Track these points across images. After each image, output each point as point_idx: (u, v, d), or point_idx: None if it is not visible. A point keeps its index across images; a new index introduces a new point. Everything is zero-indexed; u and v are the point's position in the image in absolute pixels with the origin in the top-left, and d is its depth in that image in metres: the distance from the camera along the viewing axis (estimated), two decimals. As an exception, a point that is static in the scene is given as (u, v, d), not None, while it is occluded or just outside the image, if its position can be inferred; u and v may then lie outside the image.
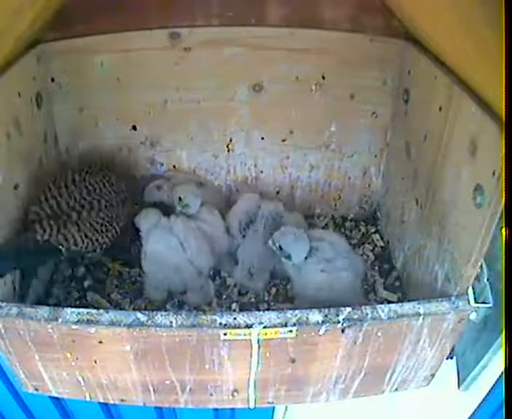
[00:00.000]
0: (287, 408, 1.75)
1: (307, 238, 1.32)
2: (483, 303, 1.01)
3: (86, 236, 1.26)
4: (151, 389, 1.15)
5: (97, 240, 1.29)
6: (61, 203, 1.27)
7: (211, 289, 1.40)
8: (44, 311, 0.98)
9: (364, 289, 1.43)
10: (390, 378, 1.18)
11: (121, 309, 1.34)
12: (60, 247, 1.23)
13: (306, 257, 1.31)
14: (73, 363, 1.08)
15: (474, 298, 1.02)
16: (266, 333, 0.99)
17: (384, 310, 1.01)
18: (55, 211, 1.25)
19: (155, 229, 1.38)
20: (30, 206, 1.25)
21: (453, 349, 1.19)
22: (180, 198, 1.41)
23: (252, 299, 1.40)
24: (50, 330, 1.00)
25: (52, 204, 1.26)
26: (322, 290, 1.27)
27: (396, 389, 1.22)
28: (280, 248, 1.31)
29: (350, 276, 1.31)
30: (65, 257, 1.28)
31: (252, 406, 1.21)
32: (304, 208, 1.68)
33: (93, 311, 0.99)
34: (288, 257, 1.32)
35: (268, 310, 1.36)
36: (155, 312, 0.99)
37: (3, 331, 1.02)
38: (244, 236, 1.45)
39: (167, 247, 1.35)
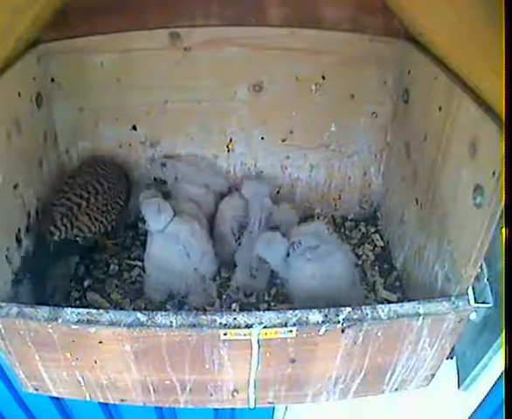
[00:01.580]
0: (287, 408, 1.76)
1: (281, 239, 1.34)
2: (483, 303, 1.01)
3: (96, 219, 1.36)
4: (151, 389, 1.15)
5: (106, 219, 1.38)
6: (70, 197, 1.34)
7: (214, 291, 1.40)
8: (44, 311, 0.98)
9: (364, 289, 1.43)
10: (390, 378, 1.18)
11: (121, 309, 1.34)
12: (77, 239, 1.32)
13: (288, 254, 1.32)
14: (73, 363, 1.08)
15: (474, 298, 1.02)
16: (266, 333, 0.99)
17: (384, 310, 1.01)
18: (66, 205, 1.32)
19: (160, 234, 1.34)
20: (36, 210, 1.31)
21: (453, 349, 1.19)
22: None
23: (254, 300, 1.40)
24: (50, 330, 1.00)
25: (62, 202, 1.33)
26: (314, 278, 1.28)
27: (396, 389, 1.22)
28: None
29: (339, 258, 1.31)
30: (81, 245, 1.35)
31: (252, 406, 1.21)
32: (304, 208, 1.68)
33: (93, 311, 0.99)
34: (265, 261, 1.35)
35: (268, 310, 1.36)
36: (155, 312, 0.99)
37: (3, 331, 1.02)
38: (240, 242, 1.45)
39: (172, 254, 1.34)
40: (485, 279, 1.02)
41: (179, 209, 1.40)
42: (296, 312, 1.00)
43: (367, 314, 1.00)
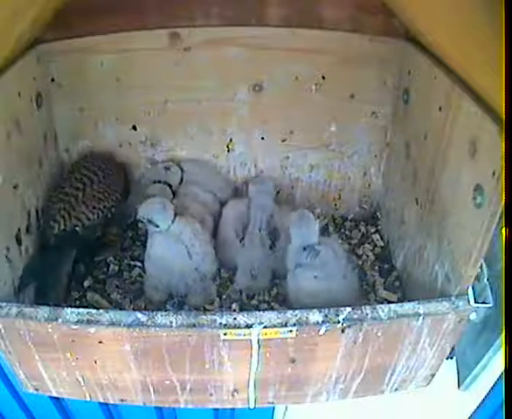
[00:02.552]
0: (287, 408, 1.76)
1: (316, 226, 1.30)
2: (483, 303, 1.01)
3: (94, 207, 1.38)
4: (151, 389, 1.15)
5: (104, 207, 1.41)
6: (66, 190, 1.37)
7: (213, 290, 1.40)
8: (44, 311, 0.98)
9: (364, 289, 1.43)
10: (390, 378, 1.18)
11: (121, 309, 1.34)
12: (77, 229, 1.35)
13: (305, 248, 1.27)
14: (73, 363, 1.08)
15: (474, 299, 1.02)
16: (266, 333, 0.99)
17: (384, 310, 1.01)
18: (63, 199, 1.35)
19: (161, 234, 1.32)
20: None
21: (453, 349, 1.19)
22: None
23: (255, 301, 1.40)
24: (50, 330, 1.00)
25: (60, 197, 1.36)
26: (318, 297, 1.23)
27: (396, 389, 1.22)
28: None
29: (348, 278, 1.29)
30: (81, 235, 1.36)
31: (252, 406, 1.21)
32: (304, 208, 1.67)
33: (93, 311, 0.99)
34: (289, 238, 1.31)
35: (268, 310, 1.36)
36: (155, 312, 0.99)
37: (3, 331, 1.02)
38: (243, 243, 1.43)
39: (173, 254, 1.33)
40: (485, 279, 1.02)
41: (183, 209, 1.40)
42: (296, 312, 0.99)
43: (367, 314, 1.00)
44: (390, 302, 1.37)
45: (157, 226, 1.30)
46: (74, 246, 1.38)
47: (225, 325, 0.97)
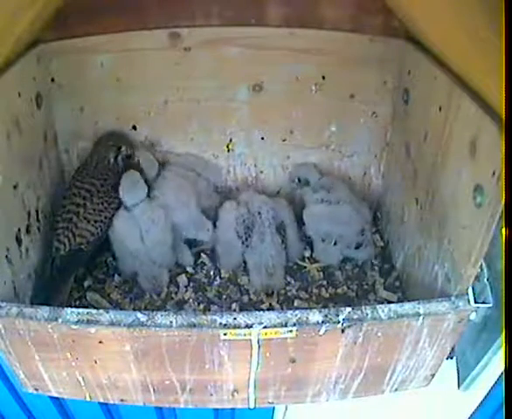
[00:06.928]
0: (287, 408, 1.76)
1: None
2: (483, 303, 1.01)
3: (95, 221, 1.37)
4: (151, 389, 1.16)
5: (106, 217, 1.39)
6: (68, 208, 1.36)
7: (164, 279, 1.40)
8: (44, 311, 0.98)
9: (364, 289, 1.43)
10: (390, 378, 1.18)
11: (121, 309, 1.34)
12: (82, 246, 1.33)
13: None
14: (73, 363, 1.08)
15: (474, 299, 1.02)
16: (266, 333, 1.00)
17: (384, 310, 1.01)
18: (65, 218, 1.34)
19: (125, 211, 1.40)
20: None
21: (453, 349, 1.19)
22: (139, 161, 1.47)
23: (275, 299, 1.39)
24: (50, 330, 1.00)
25: (62, 215, 1.35)
26: (322, 219, 1.46)
27: (396, 389, 1.22)
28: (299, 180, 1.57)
29: (348, 208, 1.47)
30: (86, 250, 1.35)
31: (252, 406, 1.21)
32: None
33: (93, 311, 0.99)
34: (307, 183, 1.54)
35: (268, 310, 1.36)
36: (155, 312, 0.99)
37: (3, 331, 1.02)
38: (248, 244, 1.43)
39: (127, 233, 1.38)
40: (485, 279, 1.02)
41: (155, 194, 1.46)
42: (296, 312, 1.00)
43: (367, 314, 1.00)
44: (390, 302, 1.37)
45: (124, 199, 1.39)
46: (81, 262, 1.38)
47: (225, 325, 0.98)
